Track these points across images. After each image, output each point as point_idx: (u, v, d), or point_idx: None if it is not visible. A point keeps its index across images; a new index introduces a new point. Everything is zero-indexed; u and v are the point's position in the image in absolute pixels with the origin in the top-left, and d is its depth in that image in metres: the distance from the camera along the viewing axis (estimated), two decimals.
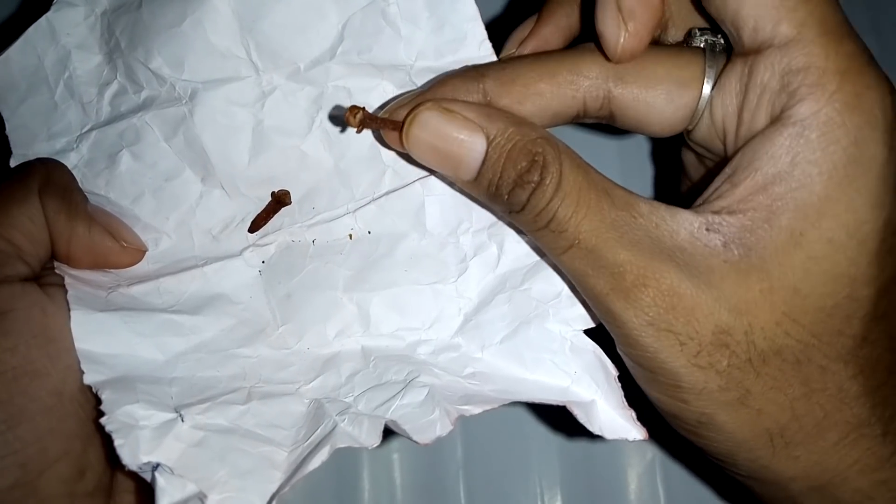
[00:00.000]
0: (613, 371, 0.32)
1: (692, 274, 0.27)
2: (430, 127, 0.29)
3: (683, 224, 0.28)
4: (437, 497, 0.46)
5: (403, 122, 0.30)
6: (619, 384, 0.32)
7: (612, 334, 0.30)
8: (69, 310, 0.30)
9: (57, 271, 0.32)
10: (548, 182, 0.28)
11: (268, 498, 0.28)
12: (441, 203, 0.34)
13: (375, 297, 0.35)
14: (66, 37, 0.34)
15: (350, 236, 0.35)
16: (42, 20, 0.33)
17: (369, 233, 0.35)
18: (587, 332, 0.32)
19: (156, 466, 0.27)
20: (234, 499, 0.28)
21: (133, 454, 0.27)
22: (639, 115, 0.30)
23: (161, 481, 0.26)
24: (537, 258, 0.33)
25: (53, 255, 0.32)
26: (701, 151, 0.33)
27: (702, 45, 0.31)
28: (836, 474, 0.29)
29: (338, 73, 0.33)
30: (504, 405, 0.31)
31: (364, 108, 0.28)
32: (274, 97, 0.34)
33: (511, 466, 0.46)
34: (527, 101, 0.30)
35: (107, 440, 0.30)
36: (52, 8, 0.33)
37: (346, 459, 0.45)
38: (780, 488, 0.30)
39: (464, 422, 0.45)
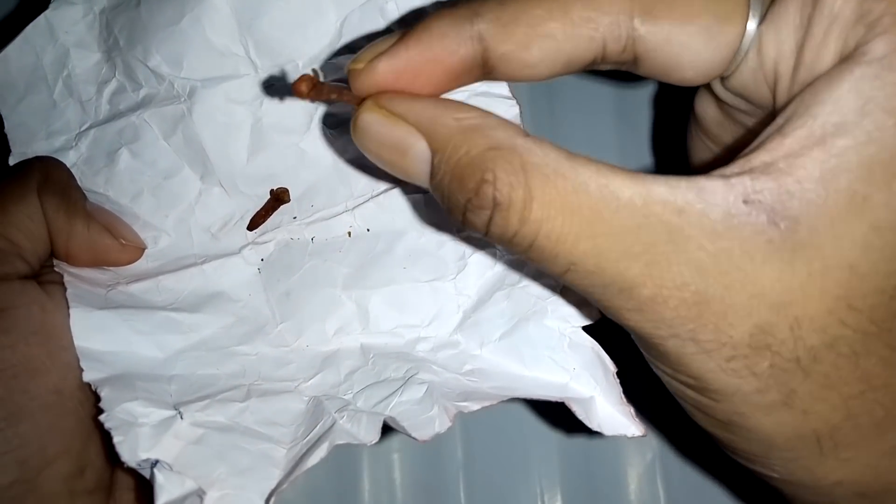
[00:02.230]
0: (612, 367, 0.32)
1: (723, 271, 0.23)
2: (371, 132, 0.25)
3: (714, 201, 0.22)
4: (437, 497, 0.45)
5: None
6: (618, 380, 0.32)
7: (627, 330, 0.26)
8: (68, 307, 0.30)
9: (56, 269, 0.32)
10: (506, 206, 0.23)
11: (266, 495, 0.28)
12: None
13: (374, 295, 0.35)
14: (64, 35, 0.34)
15: (349, 234, 0.35)
16: (40, 18, 0.33)
17: (368, 230, 0.35)
18: (585, 329, 0.32)
19: (155, 463, 0.27)
20: (232, 496, 0.28)
21: (132, 451, 0.27)
22: (669, 59, 0.25)
23: (160, 478, 0.27)
24: None
25: (53, 254, 0.32)
26: (735, 103, 0.27)
27: None
28: (892, 481, 0.26)
29: (337, 71, 0.33)
30: (504, 404, 0.31)
31: (316, 76, 0.25)
32: (273, 95, 0.34)
33: (511, 466, 0.46)
34: (533, 46, 0.24)
35: (107, 437, 0.30)
36: (51, 6, 0.33)
37: (346, 459, 0.45)
38: (821, 493, 0.26)
39: (464, 422, 0.45)
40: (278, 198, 0.35)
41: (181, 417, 0.29)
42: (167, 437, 0.28)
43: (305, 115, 0.34)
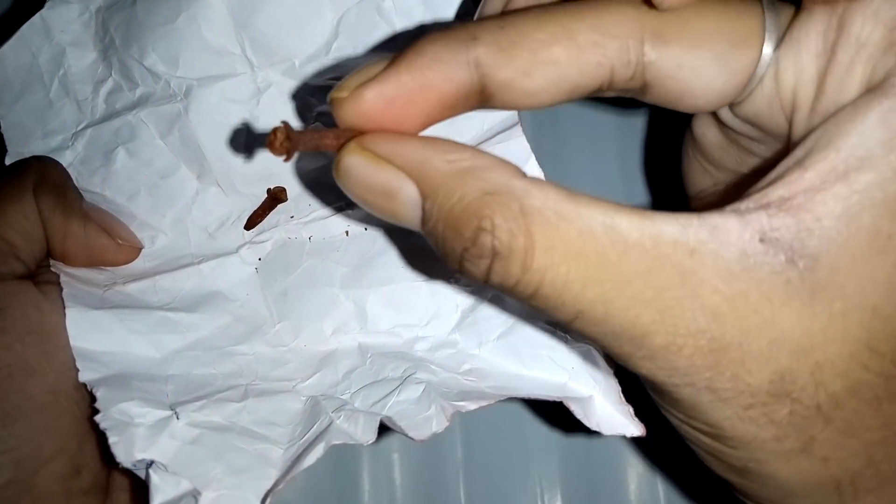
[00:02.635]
0: (610, 367, 0.32)
1: (740, 316, 0.21)
2: (355, 178, 0.23)
3: (729, 240, 0.21)
4: (436, 497, 0.45)
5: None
6: (617, 380, 0.31)
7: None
8: (64, 307, 0.30)
9: (52, 269, 0.32)
10: (506, 254, 0.21)
11: (262, 495, 0.28)
12: None
13: (372, 294, 0.35)
14: (60, 34, 0.34)
15: (346, 233, 0.35)
16: (36, 18, 0.33)
17: (366, 229, 0.35)
18: None
19: (150, 464, 0.27)
20: (228, 496, 0.27)
21: (127, 452, 0.27)
22: (680, 86, 0.24)
23: (155, 479, 0.26)
24: None
25: (49, 253, 0.32)
26: (743, 130, 0.26)
27: None
28: None
29: (333, 69, 0.33)
30: (503, 404, 0.31)
31: (287, 126, 0.22)
32: (269, 93, 0.34)
33: (511, 466, 0.46)
34: (536, 73, 0.22)
35: (103, 438, 0.30)
36: (47, 5, 0.33)
37: (346, 459, 0.45)
38: None
39: (464, 422, 0.45)
40: (275, 197, 0.35)
41: (177, 418, 0.29)
42: (163, 438, 0.28)
43: (302, 113, 0.34)
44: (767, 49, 0.23)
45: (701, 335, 0.21)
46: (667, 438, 0.44)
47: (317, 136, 0.23)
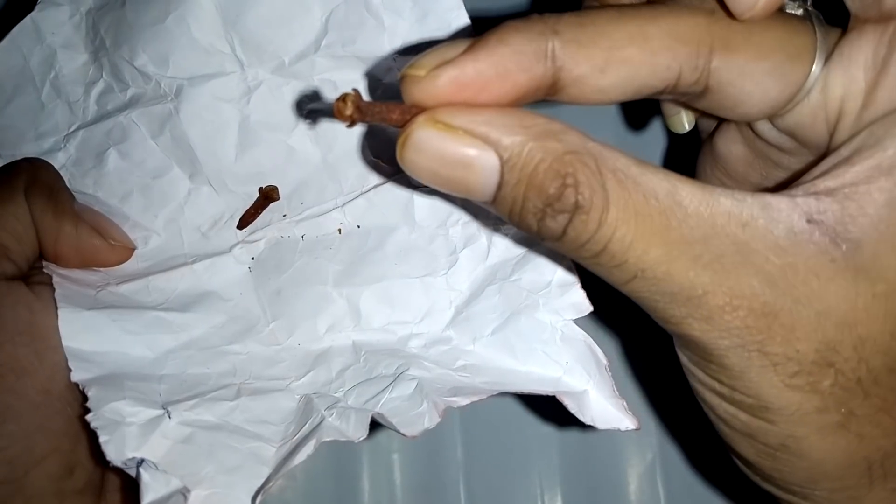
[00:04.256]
0: (604, 360, 0.31)
1: (791, 284, 0.23)
2: (428, 150, 0.23)
3: (778, 216, 0.23)
4: (436, 497, 0.45)
5: (403, 127, 0.23)
6: (610, 373, 0.31)
7: (681, 345, 0.26)
8: (57, 308, 0.30)
9: (45, 270, 0.32)
10: (588, 209, 0.22)
11: (253, 493, 0.28)
12: (430, 195, 0.34)
13: (366, 292, 0.35)
14: (51, 36, 0.34)
15: (339, 231, 0.35)
16: (27, 20, 0.33)
17: (358, 227, 0.35)
18: (577, 322, 0.32)
19: (140, 462, 0.27)
20: (220, 494, 0.27)
21: (118, 451, 0.27)
22: (739, 94, 0.25)
23: (146, 477, 0.26)
24: (527, 249, 0.33)
25: (41, 255, 0.32)
26: (779, 142, 0.27)
27: (800, 13, 0.26)
28: None
29: (323, 67, 0.33)
30: (504, 404, 0.31)
31: (357, 95, 0.22)
32: (259, 92, 0.34)
33: (511, 466, 0.45)
34: (610, 70, 0.23)
35: (96, 437, 0.30)
36: (37, 7, 0.33)
37: (346, 459, 0.45)
38: None
39: (464, 422, 0.45)
40: (268, 196, 0.35)
41: (169, 416, 0.29)
42: (155, 436, 0.28)
43: (293, 111, 0.34)
44: (819, 62, 0.24)
45: (756, 298, 0.23)
46: (667, 439, 0.45)
47: (384, 109, 0.23)
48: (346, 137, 0.34)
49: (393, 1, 0.32)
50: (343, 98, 0.22)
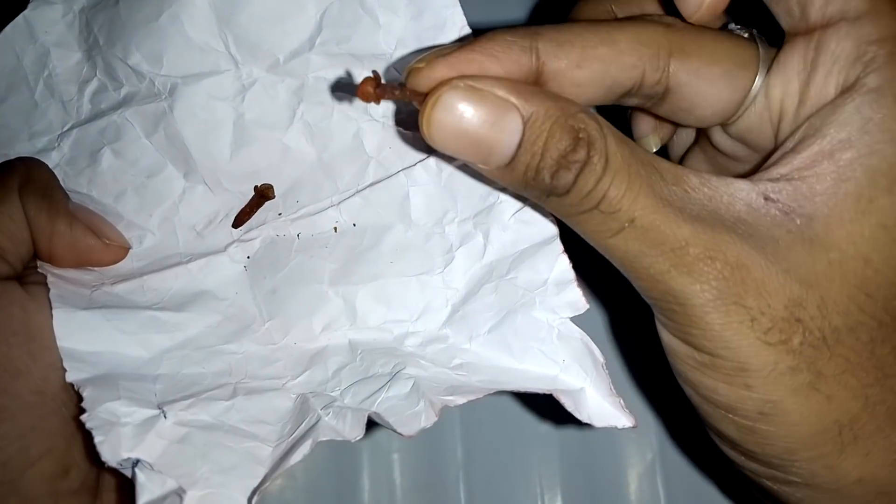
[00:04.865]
0: (601, 358, 0.31)
1: (757, 245, 0.25)
2: (457, 110, 0.25)
3: (739, 194, 0.26)
4: (437, 497, 0.45)
5: (425, 100, 0.26)
6: (607, 371, 0.31)
7: (663, 317, 0.28)
8: (51, 308, 0.30)
9: (40, 270, 0.32)
10: (595, 160, 0.25)
11: (249, 493, 0.28)
12: (426, 193, 0.34)
13: (362, 290, 0.34)
14: (44, 35, 0.34)
15: (335, 229, 0.35)
16: (19, 19, 0.33)
17: (354, 225, 0.35)
18: (573, 320, 0.32)
19: (136, 462, 0.27)
20: (215, 494, 0.27)
21: (114, 451, 0.27)
22: (696, 96, 0.28)
23: (141, 477, 0.26)
24: (523, 247, 0.33)
25: (36, 254, 0.32)
26: (733, 150, 0.31)
27: (745, 35, 0.29)
28: None
29: (317, 64, 0.33)
30: (504, 404, 0.31)
31: (378, 76, 0.26)
32: (254, 90, 0.34)
33: (511, 467, 0.45)
34: (585, 65, 0.27)
35: (91, 438, 0.30)
36: (30, 6, 0.33)
37: (346, 460, 0.45)
38: (843, 495, 0.28)
39: (464, 422, 0.45)
40: (263, 194, 0.35)
41: (165, 417, 0.29)
42: (150, 437, 0.28)
43: (287, 109, 0.34)
44: (762, 71, 0.28)
45: (730, 251, 0.25)
46: (667, 439, 0.45)
47: (401, 90, 0.26)
48: (342, 136, 0.34)
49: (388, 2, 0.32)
50: (365, 80, 0.26)
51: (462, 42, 0.27)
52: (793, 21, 0.27)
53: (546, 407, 0.44)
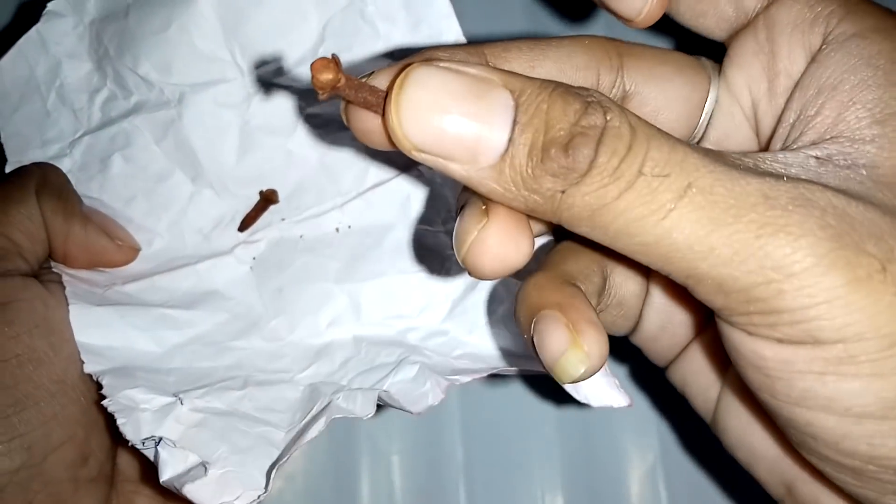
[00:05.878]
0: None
1: (840, 194, 0.21)
2: (430, 88, 0.20)
3: (788, 160, 0.22)
4: (436, 499, 0.45)
5: (388, 92, 0.21)
6: None
7: (754, 319, 0.21)
8: (68, 304, 0.31)
9: (54, 270, 0.33)
10: (617, 122, 0.20)
11: (266, 470, 0.29)
12: (426, 194, 0.35)
13: (366, 288, 0.36)
14: (56, 46, 0.35)
15: (337, 230, 0.36)
16: (32, 31, 0.34)
17: (356, 226, 0.36)
18: None
19: (159, 440, 0.27)
20: (234, 472, 0.28)
21: (136, 431, 0.28)
22: (656, 98, 0.27)
23: (164, 454, 0.27)
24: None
25: (51, 255, 0.33)
26: None
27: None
28: None
29: None
30: (504, 405, 0.32)
31: (335, 60, 0.20)
32: (259, 97, 0.35)
33: (511, 468, 0.45)
34: (538, 64, 0.25)
35: (108, 429, 0.31)
36: (42, 19, 0.34)
37: (345, 461, 0.45)
38: None
39: (464, 422, 0.45)
40: (268, 199, 0.36)
41: (181, 403, 0.30)
42: (168, 421, 0.29)
43: (292, 116, 0.35)
44: (714, 69, 0.27)
45: (817, 196, 0.21)
46: (669, 440, 0.45)
47: (365, 87, 0.22)
48: (343, 140, 0.36)
49: (387, 9, 0.34)
50: (317, 63, 0.20)
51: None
52: (729, 23, 0.27)
53: (547, 407, 0.44)
